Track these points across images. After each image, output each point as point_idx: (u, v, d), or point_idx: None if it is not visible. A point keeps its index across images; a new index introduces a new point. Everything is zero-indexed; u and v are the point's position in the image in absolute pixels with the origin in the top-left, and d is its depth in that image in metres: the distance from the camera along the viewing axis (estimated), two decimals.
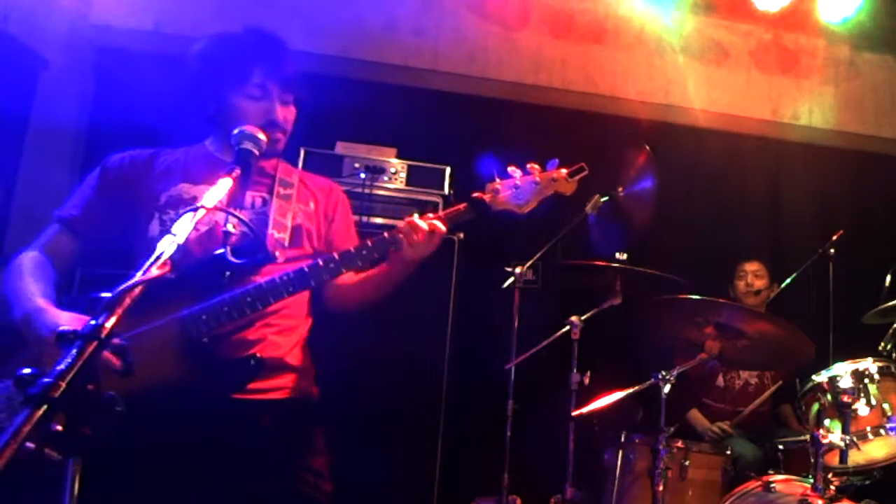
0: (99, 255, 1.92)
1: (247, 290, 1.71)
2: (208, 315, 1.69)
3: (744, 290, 3.93)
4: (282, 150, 1.98)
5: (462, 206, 1.90)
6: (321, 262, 1.77)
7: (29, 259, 1.82)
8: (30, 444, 0.90)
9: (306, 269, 1.76)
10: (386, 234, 1.83)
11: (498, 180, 1.88)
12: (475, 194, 1.89)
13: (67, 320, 1.62)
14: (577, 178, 1.93)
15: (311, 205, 2.03)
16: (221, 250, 1.74)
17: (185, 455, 1.66)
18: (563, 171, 1.90)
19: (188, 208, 1.42)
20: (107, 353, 1.04)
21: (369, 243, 1.83)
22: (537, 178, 1.87)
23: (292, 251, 1.89)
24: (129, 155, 1.98)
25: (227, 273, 1.72)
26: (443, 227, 1.84)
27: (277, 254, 1.82)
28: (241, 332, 1.76)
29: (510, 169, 1.89)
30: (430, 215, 1.85)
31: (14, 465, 0.87)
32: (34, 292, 1.71)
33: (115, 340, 1.09)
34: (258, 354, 1.76)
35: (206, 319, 1.69)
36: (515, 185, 1.86)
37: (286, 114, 1.95)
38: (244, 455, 1.74)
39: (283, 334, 1.87)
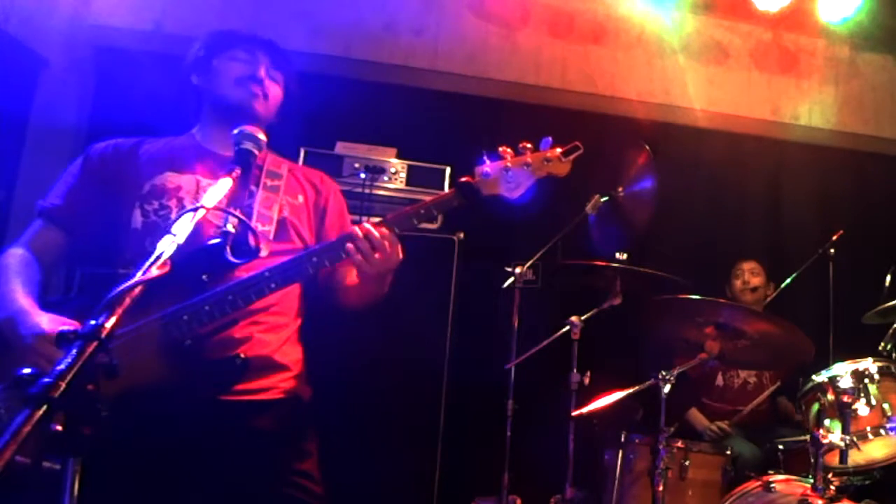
0: (97, 253, 1.90)
1: (228, 287, 1.65)
2: (190, 315, 1.63)
3: (740, 287, 3.94)
4: (262, 113, 1.93)
5: (450, 191, 1.79)
6: (303, 256, 1.71)
7: (14, 258, 1.78)
8: (25, 459, 0.89)
9: (288, 264, 1.69)
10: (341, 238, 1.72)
11: (487, 162, 1.75)
12: (463, 178, 1.77)
13: (48, 323, 1.59)
14: (572, 157, 1.80)
15: (300, 198, 1.97)
16: (214, 241, 1.69)
17: (174, 457, 1.63)
18: (558, 150, 1.78)
19: (188, 208, 1.41)
20: None
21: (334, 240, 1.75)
22: (529, 159, 1.75)
23: (278, 245, 1.83)
24: (112, 144, 1.94)
25: (204, 276, 1.67)
26: (386, 233, 1.69)
27: (261, 247, 1.76)
28: (226, 331, 1.70)
29: (501, 149, 1.75)
30: (377, 220, 1.74)
31: (13, 466, 0.87)
32: (18, 294, 1.68)
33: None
34: (242, 354, 1.71)
35: (188, 319, 1.63)
36: (505, 168, 1.73)
37: (270, 84, 1.94)
38: (232, 457, 1.70)
39: (272, 332, 1.82)
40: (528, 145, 1.78)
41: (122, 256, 1.79)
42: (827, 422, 2.67)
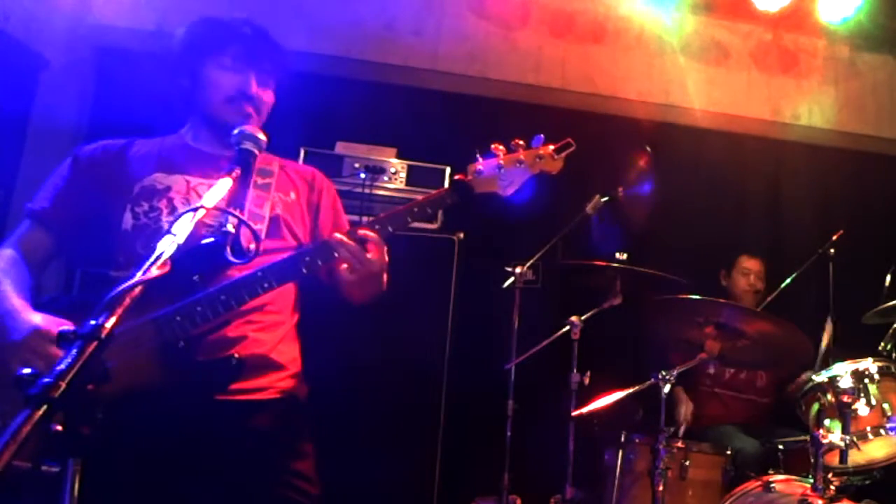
0: (97, 254, 1.89)
1: (220, 287, 1.64)
2: (182, 316, 1.61)
3: (745, 287, 3.89)
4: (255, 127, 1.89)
5: (443, 189, 1.82)
6: (296, 256, 1.70)
7: (3, 258, 1.77)
8: (24, 464, 0.88)
9: (281, 264, 1.68)
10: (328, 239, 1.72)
11: (480, 160, 1.78)
12: (457, 176, 1.81)
13: (41, 320, 1.58)
14: (564, 154, 1.83)
15: (292, 195, 1.95)
16: (208, 240, 1.68)
17: (170, 457, 1.62)
18: (550, 147, 1.82)
19: (188, 208, 1.39)
20: None
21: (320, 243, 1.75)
22: (522, 157, 1.78)
23: (271, 242, 1.81)
24: (101, 145, 1.92)
25: (196, 276, 1.66)
26: (373, 235, 1.70)
27: (252, 247, 1.72)
28: (220, 331, 1.69)
29: (493, 147, 1.79)
30: (363, 224, 1.74)
31: (13, 467, 0.87)
32: (9, 294, 1.66)
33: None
34: (237, 355, 1.69)
35: (181, 321, 1.61)
36: (498, 165, 1.77)
37: (262, 93, 1.90)
38: (228, 457, 1.68)
39: (267, 330, 1.80)
40: (521, 142, 1.81)
41: (112, 258, 1.78)
42: (827, 422, 2.67)
